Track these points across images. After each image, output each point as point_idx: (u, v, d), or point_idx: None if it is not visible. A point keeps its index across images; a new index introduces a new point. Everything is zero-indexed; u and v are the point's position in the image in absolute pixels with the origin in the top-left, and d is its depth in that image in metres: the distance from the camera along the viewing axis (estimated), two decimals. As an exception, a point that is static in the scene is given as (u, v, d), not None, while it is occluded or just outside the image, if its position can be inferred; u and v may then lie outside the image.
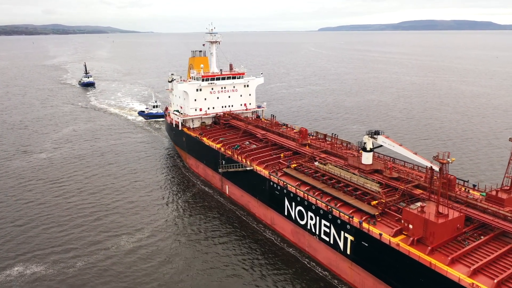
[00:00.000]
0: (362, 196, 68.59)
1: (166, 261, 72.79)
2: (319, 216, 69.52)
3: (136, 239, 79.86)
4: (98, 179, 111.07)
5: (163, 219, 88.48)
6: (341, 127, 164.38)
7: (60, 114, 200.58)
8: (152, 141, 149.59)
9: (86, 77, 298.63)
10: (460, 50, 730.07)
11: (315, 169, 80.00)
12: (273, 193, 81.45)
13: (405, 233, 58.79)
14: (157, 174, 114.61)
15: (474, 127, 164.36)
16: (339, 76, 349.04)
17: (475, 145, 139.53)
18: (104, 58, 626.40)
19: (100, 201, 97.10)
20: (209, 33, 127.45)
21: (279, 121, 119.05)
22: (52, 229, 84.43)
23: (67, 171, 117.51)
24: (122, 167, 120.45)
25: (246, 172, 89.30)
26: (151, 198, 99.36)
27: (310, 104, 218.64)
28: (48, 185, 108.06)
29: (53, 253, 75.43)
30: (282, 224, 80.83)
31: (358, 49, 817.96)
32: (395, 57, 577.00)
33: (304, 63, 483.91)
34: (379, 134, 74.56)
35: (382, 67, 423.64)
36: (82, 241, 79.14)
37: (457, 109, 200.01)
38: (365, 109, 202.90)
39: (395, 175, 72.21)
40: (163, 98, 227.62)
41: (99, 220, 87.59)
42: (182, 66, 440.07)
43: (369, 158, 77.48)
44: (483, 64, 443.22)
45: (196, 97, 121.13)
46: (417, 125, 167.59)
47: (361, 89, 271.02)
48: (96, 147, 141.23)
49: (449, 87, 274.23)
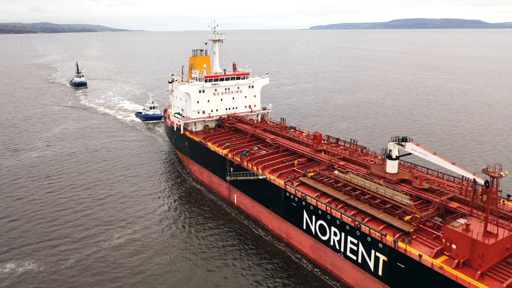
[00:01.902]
0: (392, 210, 62.57)
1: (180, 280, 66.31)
2: (345, 232, 63.32)
3: (135, 248, 73.12)
4: (96, 188, 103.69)
5: (169, 230, 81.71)
6: (331, 125, 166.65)
7: (50, 114, 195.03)
8: (150, 144, 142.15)
9: (78, 76, 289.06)
10: (448, 48, 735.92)
11: (335, 178, 73.83)
12: (290, 205, 75.12)
13: (447, 253, 52.91)
14: (160, 182, 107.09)
15: (459, 124, 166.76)
16: (329, 74, 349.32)
17: (462, 139, 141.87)
18: (94, 56, 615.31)
19: (98, 214, 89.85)
20: (212, 31, 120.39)
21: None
22: (41, 224, 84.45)
23: (56, 191, 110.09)
24: (120, 172, 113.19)
25: (258, 181, 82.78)
26: (154, 207, 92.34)
27: (300, 101, 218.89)
28: (37, 182, 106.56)
29: (44, 248, 75.77)
30: (300, 239, 74.55)
31: (349, 47, 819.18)
32: (386, 55, 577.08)
33: (295, 61, 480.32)
34: (406, 140, 68.43)
35: (372, 65, 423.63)
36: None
37: (445, 105, 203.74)
38: (355, 106, 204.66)
39: (426, 186, 66.15)
40: (156, 96, 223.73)
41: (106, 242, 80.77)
42: (173, 64, 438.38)
43: (394, 167, 71.41)
44: (475, 63, 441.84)
45: (199, 99, 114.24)
46: (404, 121, 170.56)
47: (351, 87, 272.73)
48: (91, 149, 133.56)
49: (438, 84, 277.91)
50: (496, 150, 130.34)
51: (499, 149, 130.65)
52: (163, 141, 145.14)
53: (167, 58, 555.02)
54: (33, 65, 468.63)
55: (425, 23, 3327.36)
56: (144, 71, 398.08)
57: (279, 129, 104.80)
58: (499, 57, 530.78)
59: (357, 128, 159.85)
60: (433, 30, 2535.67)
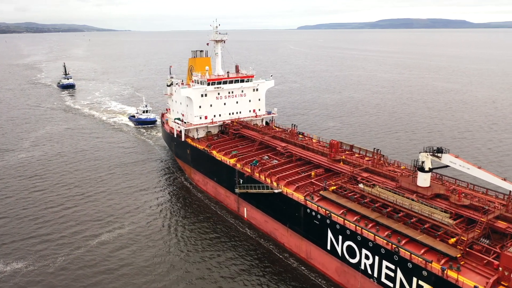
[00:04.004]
0: (431, 231, 55.96)
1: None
2: (380, 256, 56.50)
3: (131, 265, 65.50)
4: (88, 205, 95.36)
5: (176, 249, 74.06)
6: (318, 124, 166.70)
7: (34, 116, 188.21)
8: (146, 151, 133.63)
9: (66, 78, 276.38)
10: (434, 48, 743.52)
11: (361, 192, 67.02)
12: (311, 222, 68.07)
13: (504, 283, 46.50)
14: (163, 194, 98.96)
15: (440, 121, 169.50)
16: (317, 73, 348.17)
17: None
18: (80, 57, 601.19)
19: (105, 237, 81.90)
20: (214, 31, 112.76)
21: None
22: (25, 222, 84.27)
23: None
24: (115, 182, 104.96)
25: (272, 195, 75.57)
26: (157, 223, 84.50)
27: (287, 101, 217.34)
28: (25, 181, 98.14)
29: (30, 245, 75.81)
30: (323, 260, 67.55)
31: (336, 46, 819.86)
32: (373, 55, 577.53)
33: (282, 61, 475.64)
34: (442, 152, 61.88)
35: (358, 65, 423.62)
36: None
37: (428, 103, 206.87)
38: (341, 105, 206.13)
39: (466, 202, 59.67)
40: (149, 99, 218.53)
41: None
42: (160, 64, 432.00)
43: (427, 180, 64.95)
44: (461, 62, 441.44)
45: (201, 104, 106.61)
46: (389, 119, 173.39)
47: (338, 86, 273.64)
48: (80, 155, 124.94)
49: (423, 83, 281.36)
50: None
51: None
52: (160, 147, 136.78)
53: (155, 58, 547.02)
54: (18, 65, 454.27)
55: (411, 23, 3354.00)
56: (131, 71, 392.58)
57: (289, 135, 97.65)
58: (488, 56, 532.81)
59: (342, 126, 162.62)
60: (420, 30, 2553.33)
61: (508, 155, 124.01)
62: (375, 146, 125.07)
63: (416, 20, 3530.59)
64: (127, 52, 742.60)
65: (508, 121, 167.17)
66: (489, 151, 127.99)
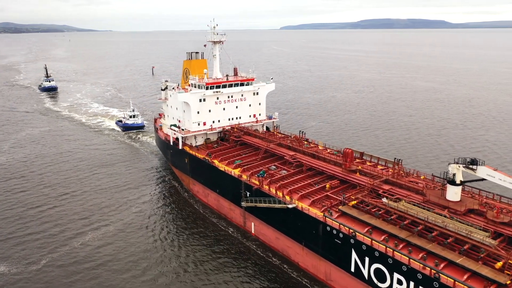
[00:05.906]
0: (472, 253, 50.59)
1: None
2: (415, 282, 50.88)
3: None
4: (92, 218, 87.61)
5: (176, 266, 67.25)
6: (300, 123, 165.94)
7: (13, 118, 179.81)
8: (137, 158, 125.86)
9: (48, 80, 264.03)
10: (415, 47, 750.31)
11: (385, 208, 61.33)
12: (331, 241, 62.06)
13: None
14: (165, 209, 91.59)
15: (417, 120, 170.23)
16: (299, 73, 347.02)
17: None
18: (61, 58, 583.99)
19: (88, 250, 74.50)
20: (212, 31, 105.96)
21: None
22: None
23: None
24: (110, 193, 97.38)
25: (285, 210, 69.36)
26: (154, 235, 77.50)
27: (269, 100, 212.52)
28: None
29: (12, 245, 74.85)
30: (346, 283, 61.67)
31: (318, 47, 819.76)
32: (355, 54, 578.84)
33: (265, 61, 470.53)
34: (477, 163, 56.59)
35: (340, 64, 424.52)
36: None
37: (407, 102, 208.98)
38: (322, 104, 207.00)
39: (506, 219, 54.54)
40: (126, 98, 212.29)
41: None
42: (141, 65, 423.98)
43: (458, 194, 59.80)
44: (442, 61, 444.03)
45: (199, 109, 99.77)
46: (369, 118, 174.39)
47: (321, 86, 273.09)
48: (65, 168, 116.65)
49: (402, 82, 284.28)
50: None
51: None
52: (151, 154, 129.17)
53: (136, 59, 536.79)
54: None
55: (392, 23, 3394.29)
56: (112, 72, 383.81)
57: (297, 143, 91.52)
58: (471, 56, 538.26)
59: (323, 125, 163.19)
60: (400, 30, 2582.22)
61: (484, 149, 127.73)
62: (354, 144, 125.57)
63: (396, 20, 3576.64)
64: (109, 52, 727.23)
65: (482, 119, 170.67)
66: (462, 149, 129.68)
